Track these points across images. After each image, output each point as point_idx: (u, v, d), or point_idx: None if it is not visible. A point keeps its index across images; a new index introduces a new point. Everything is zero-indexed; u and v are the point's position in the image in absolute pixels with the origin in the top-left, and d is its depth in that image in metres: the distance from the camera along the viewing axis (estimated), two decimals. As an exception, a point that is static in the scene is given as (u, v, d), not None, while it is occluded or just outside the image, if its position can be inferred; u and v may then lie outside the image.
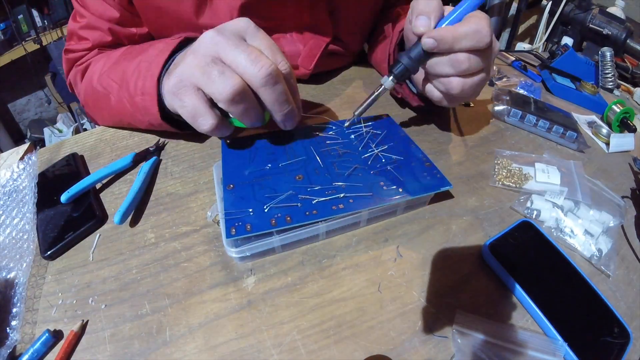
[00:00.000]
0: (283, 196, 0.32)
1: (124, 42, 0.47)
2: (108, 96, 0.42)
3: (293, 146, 0.38)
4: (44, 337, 0.26)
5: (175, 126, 0.39)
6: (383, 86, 0.38)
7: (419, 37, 0.35)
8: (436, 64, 0.35)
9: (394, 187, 0.34)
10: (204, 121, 0.32)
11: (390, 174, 0.35)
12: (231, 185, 0.33)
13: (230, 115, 0.33)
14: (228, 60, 0.30)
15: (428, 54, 0.35)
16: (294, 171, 0.35)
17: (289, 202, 0.31)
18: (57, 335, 0.27)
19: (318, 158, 0.37)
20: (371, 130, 0.41)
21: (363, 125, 0.42)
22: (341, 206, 0.31)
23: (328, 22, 0.49)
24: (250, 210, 0.30)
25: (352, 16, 0.52)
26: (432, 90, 0.39)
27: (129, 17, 0.45)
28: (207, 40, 0.31)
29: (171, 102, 0.34)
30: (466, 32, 0.33)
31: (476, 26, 0.33)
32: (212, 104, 0.32)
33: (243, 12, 0.44)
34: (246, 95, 0.30)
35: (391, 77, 0.38)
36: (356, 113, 0.40)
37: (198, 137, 0.43)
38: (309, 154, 0.37)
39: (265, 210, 0.30)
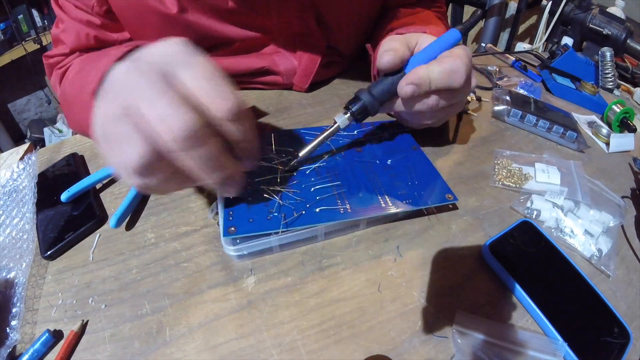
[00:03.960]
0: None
1: (105, 46, 0.45)
2: (71, 104, 0.41)
3: (334, 166, 0.37)
4: (44, 337, 0.26)
5: None
6: (337, 124, 0.34)
7: (385, 74, 0.34)
8: (405, 104, 0.34)
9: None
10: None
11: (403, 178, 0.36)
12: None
13: None
14: (144, 114, 0.22)
15: (394, 92, 0.33)
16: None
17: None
18: (57, 335, 0.27)
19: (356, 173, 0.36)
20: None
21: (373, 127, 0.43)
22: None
23: (318, 32, 0.48)
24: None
25: (343, 24, 0.50)
26: (399, 116, 0.39)
27: (110, 23, 0.44)
28: (120, 80, 0.23)
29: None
30: (440, 73, 0.31)
31: (451, 66, 0.31)
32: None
33: (225, 20, 0.43)
34: (158, 165, 0.23)
35: (347, 115, 0.33)
36: (301, 154, 0.34)
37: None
38: (349, 172, 0.36)
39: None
